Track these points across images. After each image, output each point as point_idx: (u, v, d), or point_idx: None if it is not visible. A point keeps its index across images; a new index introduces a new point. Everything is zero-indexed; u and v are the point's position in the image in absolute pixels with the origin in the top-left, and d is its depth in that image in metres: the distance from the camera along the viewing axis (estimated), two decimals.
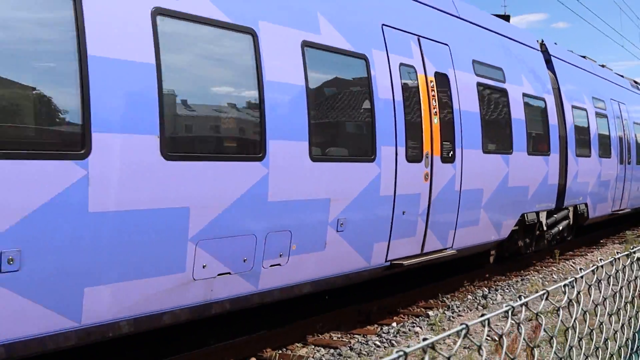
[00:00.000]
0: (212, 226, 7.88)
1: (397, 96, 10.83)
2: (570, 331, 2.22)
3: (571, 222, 18.92)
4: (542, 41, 18.69)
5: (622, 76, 27.74)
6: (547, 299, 2.09)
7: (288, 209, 8.88)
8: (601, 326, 2.73)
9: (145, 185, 7.16)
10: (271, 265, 8.76)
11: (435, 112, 11.79)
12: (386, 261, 10.99)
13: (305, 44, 9.19)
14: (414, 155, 11.12)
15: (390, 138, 10.57)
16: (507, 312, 1.88)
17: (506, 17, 17.63)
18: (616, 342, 2.90)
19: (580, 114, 19.01)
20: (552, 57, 18.54)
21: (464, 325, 1.58)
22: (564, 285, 2.23)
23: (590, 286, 2.53)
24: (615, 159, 21.86)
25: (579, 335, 2.40)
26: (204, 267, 7.85)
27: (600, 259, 3.03)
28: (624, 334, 2.97)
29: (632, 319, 3.15)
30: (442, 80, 12.24)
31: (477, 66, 13.62)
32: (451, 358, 1.50)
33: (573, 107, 18.49)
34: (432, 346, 1.52)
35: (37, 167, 6.28)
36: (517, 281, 15.10)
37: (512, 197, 14.60)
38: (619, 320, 2.91)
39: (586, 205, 19.46)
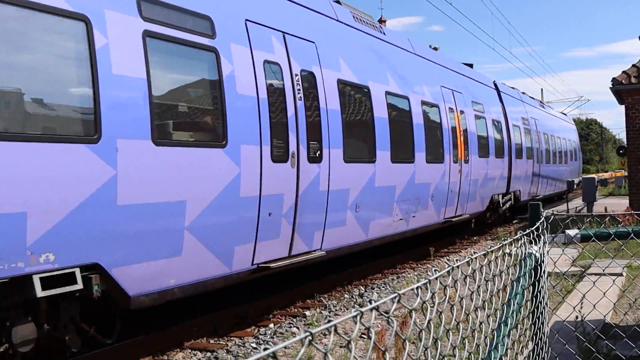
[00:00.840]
0: (400, 195, 15.37)
1: (450, 125, 19.18)
2: (424, 333, 2.24)
3: (512, 203, 27.48)
4: (495, 81, 27.91)
5: (533, 98, 38.17)
6: (399, 301, 2.10)
7: (419, 187, 16.42)
8: (458, 326, 2.77)
9: (386, 174, 14.64)
10: (412, 216, 16.38)
11: (462, 133, 20.17)
12: (444, 219, 19.08)
13: (423, 103, 17.37)
14: (455, 159, 19.28)
15: (449, 149, 18.66)
16: (355, 317, 1.87)
17: (470, 65, 26.01)
18: (474, 339, 2.95)
19: (517, 130, 28.25)
20: (500, 92, 27.56)
21: (307, 333, 1.56)
22: (417, 288, 2.25)
23: (445, 287, 2.56)
24: (535, 160, 31.32)
25: (434, 336, 2.43)
26: (396, 214, 15.36)
27: (475, 252, 3.08)
28: (482, 332, 3.02)
29: (491, 317, 3.21)
30: (463, 114, 20.68)
31: (474, 104, 22.40)
32: None
33: (513, 125, 27.54)
34: (274, 355, 1.48)
35: (366, 167, 13.80)
36: (392, 279, 15.34)
37: (489, 184, 23.38)
38: (477, 318, 2.96)
39: (520, 191, 28.43)
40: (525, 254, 3.73)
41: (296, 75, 11.64)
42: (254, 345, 10.13)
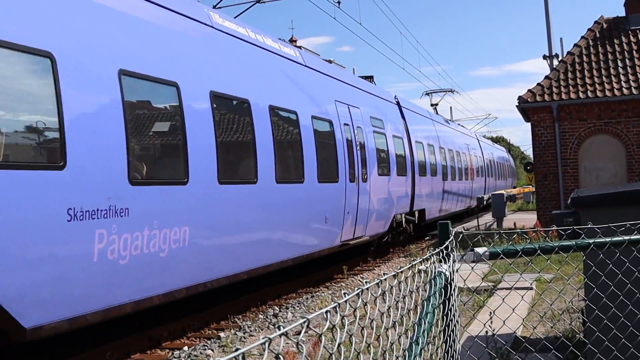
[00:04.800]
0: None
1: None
2: (334, 357, 2.23)
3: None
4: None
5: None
6: (308, 326, 2.09)
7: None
8: (369, 348, 2.77)
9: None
10: None
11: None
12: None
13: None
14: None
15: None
16: (264, 344, 1.84)
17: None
18: None
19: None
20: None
21: None
22: (326, 312, 2.24)
23: (355, 310, 2.56)
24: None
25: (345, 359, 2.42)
26: None
27: (384, 273, 3.10)
28: (393, 352, 3.03)
29: (402, 336, 3.22)
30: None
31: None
32: None
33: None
34: None
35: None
36: (307, 298, 15.30)
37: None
38: (388, 339, 2.97)
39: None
40: (435, 272, 3.77)
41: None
42: None
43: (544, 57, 30.89)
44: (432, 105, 48.92)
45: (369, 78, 25.63)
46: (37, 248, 7.78)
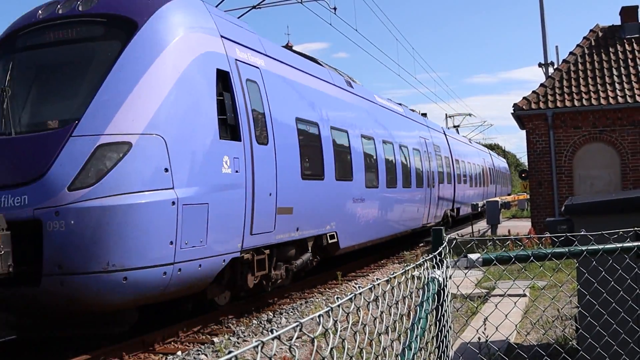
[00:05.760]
0: None
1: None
2: None
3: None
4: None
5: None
6: (301, 330, 2.10)
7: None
8: (361, 353, 2.79)
9: None
10: None
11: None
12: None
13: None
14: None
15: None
16: (256, 347, 1.86)
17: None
18: None
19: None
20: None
21: None
22: (319, 316, 2.26)
23: (348, 314, 2.57)
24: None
25: None
26: None
27: (377, 279, 3.11)
28: (386, 357, 3.05)
29: (395, 342, 3.24)
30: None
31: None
32: None
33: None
34: None
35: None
36: (301, 304, 15.30)
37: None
38: (381, 344, 2.99)
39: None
40: (428, 278, 3.78)
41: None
42: None
43: (540, 64, 30.96)
44: (454, 127, 69.03)
45: (424, 115, 37.11)
46: (346, 210, 18.11)
